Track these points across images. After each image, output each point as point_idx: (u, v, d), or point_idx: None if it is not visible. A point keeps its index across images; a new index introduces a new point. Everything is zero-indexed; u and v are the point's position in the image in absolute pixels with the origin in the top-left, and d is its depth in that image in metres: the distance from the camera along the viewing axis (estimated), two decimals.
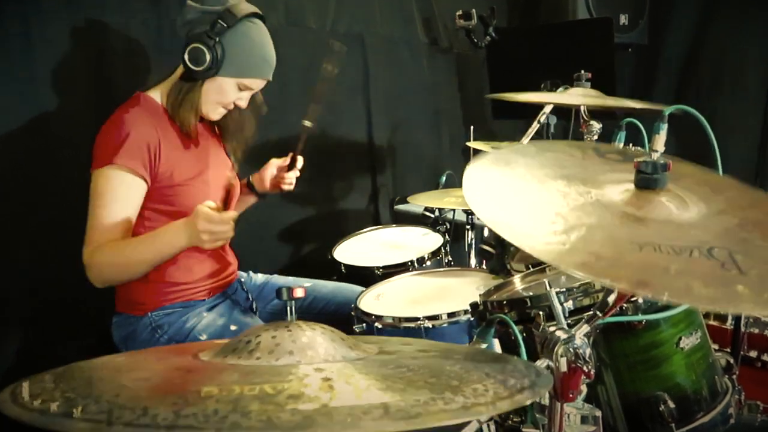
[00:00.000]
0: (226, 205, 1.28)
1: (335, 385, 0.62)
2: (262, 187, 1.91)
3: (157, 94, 1.59)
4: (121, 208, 1.47)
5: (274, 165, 1.90)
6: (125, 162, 1.46)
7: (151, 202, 1.54)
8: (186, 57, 1.51)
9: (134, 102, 1.55)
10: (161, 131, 1.54)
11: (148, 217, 1.55)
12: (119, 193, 1.47)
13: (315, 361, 0.70)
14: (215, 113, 1.62)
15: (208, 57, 1.50)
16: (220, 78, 1.55)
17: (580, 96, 1.63)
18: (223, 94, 1.58)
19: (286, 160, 1.88)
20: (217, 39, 1.50)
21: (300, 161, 1.87)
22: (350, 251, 2.10)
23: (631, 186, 0.82)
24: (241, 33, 1.53)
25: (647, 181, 0.81)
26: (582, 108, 1.67)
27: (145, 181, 1.50)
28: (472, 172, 0.82)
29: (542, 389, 0.67)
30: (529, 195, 0.80)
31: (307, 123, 1.80)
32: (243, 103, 1.63)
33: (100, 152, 1.48)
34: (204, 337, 1.55)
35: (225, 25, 1.50)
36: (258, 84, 1.62)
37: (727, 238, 0.72)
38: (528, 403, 0.64)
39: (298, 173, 1.89)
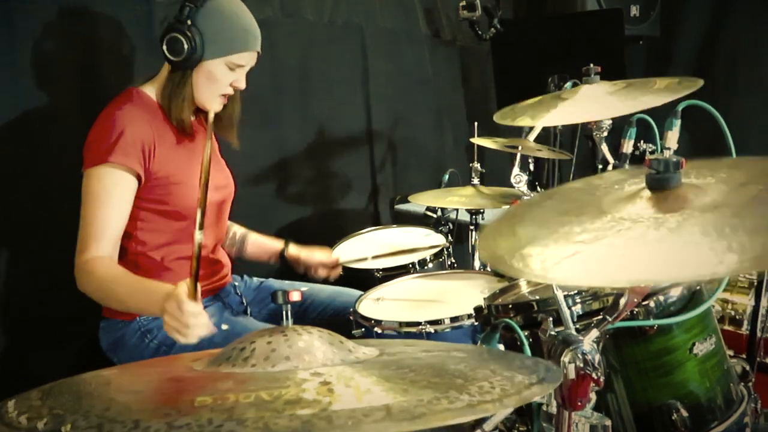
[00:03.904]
0: (196, 278, 1.18)
1: (335, 388, 0.61)
2: (295, 266, 1.86)
3: (150, 90, 1.55)
4: (115, 209, 1.43)
5: (318, 261, 1.86)
6: (120, 160, 1.42)
7: (146, 201, 1.50)
8: (165, 49, 1.47)
9: (127, 98, 1.51)
10: (155, 128, 1.50)
11: (142, 218, 1.51)
12: (114, 194, 1.43)
13: (313, 366, 0.69)
14: (214, 103, 1.56)
15: (185, 43, 1.45)
16: (206, 63, 1.49)
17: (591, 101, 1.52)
18: (215, 80, 1.52)
19: (332, 261, 1.86)
20: (190, 22, 1.45)
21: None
22: (349, 253, 2.06)
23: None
24: (213, 9, 1.48)
25: (661, 181, 0.79)
26: None
27: (139, 179, 1.47)
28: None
29: (551, 384, 0.65)
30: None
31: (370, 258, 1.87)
32: (241, 84, 1.56)
33: (93, 150, 1.44)
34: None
35: (194, 6, 1.45)
36: (248, 59, 1.55)
37: (751, 206, 0.72)
38: (536, 399, 0.62)
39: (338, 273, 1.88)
